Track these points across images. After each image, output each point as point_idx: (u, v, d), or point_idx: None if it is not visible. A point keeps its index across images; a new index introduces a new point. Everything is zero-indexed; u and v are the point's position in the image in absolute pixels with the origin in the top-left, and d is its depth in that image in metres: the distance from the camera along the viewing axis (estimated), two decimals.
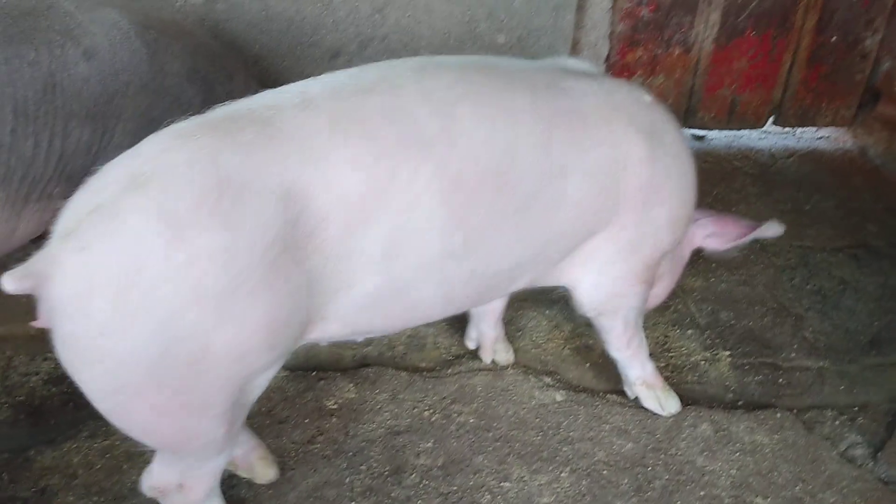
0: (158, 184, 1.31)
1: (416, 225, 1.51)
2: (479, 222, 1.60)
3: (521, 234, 1.68)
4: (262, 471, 1.92)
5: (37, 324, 1.37)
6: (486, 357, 2.33)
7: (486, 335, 2.31)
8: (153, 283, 1.27)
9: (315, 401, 2.16)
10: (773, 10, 3.20)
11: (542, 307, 2.55)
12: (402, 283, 1.57)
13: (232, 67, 2.15)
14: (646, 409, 2.20)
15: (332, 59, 2.65)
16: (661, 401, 2.20)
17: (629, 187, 1.80)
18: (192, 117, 1.46)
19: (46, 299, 1.32)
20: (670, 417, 2.18)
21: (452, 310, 1.75)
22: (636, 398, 2.23)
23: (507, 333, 2.40)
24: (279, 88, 1.56)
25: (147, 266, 1.27)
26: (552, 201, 1.69)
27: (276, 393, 2.16)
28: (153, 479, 1.62)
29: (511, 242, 1.68)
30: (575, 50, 2.98)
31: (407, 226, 1.51)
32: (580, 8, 2.91)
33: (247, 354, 1.40)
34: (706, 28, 3.21)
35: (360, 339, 1.75)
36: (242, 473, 1.92)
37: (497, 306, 2.26)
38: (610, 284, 1.95)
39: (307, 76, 2.55)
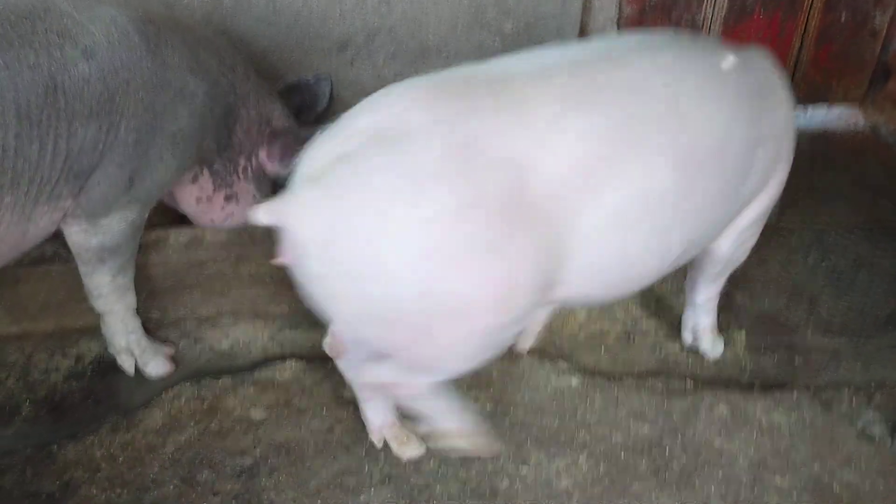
0: (404, 143, 1.40)
1: (650, 195, 1.58)
2: (702, 193, 1.68)
3: (724, 203, 1.78)
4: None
5: (279, 260, 1.49)
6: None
7: None
8: (397, 235, 1.38)
9: (332, 390, 2.17)
10: None
11: None
12: (631, 252, 1.63)
13: (233, 59, 2.15)
14: (661, 393, 2.20)
15: (340, 51, 2.65)
16: (717, 345, 2.36)
17: (780, 153, 1.92)
18: (429, 76, 1.55)
19: (292, 237, 1.44)
20: (686, 400, 2.18)
21: (650, 281, 1.81)
22: (661, 384, 2.26)
23: None
24: (514, 55, 1.65)
25: (392, 220, 1.38)
26: (745, 170, 1.78)
27: (293, 384, 2.18)
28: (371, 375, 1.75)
29: (717, 212, 1.77)
30: (583, 35, 2.97)
31: (641, 196, 1.57)
32: None
33: (484, 311, 1.47)
34: (714, 10, 3.19)
35: (577, 307, 1.79)
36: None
37: None
38: (741, 245, 2.07)
39: (314, 69, 2.58)
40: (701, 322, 2.34)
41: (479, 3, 2.69)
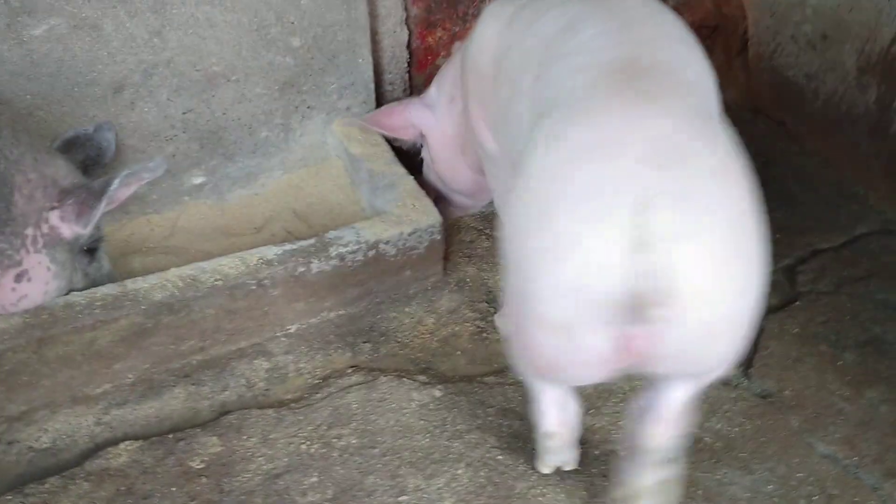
0: (694, 142, 1.37)
1: None
2: None
3: None
4: None
5: (635, 351, 1.36)
6: None
7: None
8: (755, 226, 1.38)
9: (178, 465, 1.95)
10: None
11: (400, 306, 2.45)
12: None
13: None
14: (523, 384, 2.15)
15: (116, 93, 2.41)
16: None
17: None
18: (584, 82, 1.51)
19: (672, 306, 1.30)
20: None
21: None
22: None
23: (370, 340, 2.28)
24: (576, 47, 1.62)
25: (749, 216, 1.37)
26: None
27: (131, 467, 1.94)
28: None
29: None
30: (375, 40, 2.90)
31: None
32: None
33: None
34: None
35: None
36: None
37: None
38: None
39: (91, 118, 2.34)
40: None
41: (259, 21, 2.55)
